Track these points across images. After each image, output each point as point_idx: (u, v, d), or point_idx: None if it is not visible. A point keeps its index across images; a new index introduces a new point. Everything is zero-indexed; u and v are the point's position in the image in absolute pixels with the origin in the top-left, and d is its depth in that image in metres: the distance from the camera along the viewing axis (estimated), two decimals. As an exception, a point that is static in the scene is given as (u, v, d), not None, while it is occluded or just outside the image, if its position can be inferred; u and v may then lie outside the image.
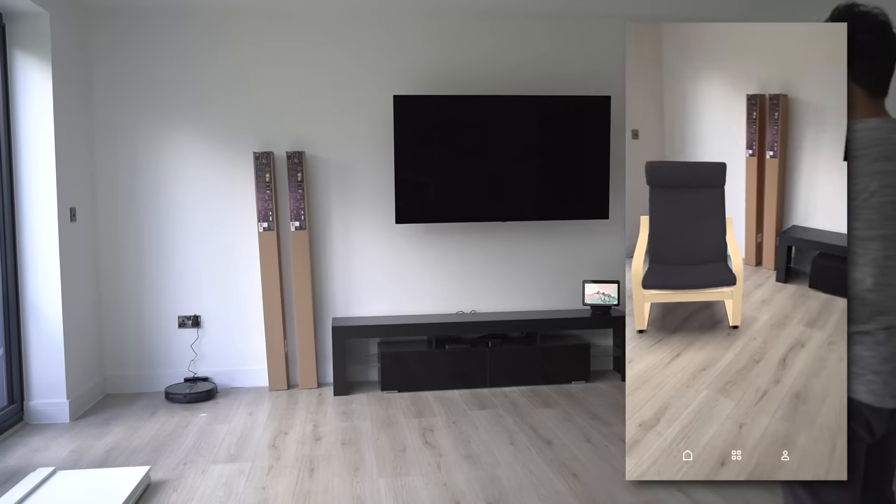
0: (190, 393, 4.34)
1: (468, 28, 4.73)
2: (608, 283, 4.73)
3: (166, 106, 4.52)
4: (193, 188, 4.56)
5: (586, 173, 4.74)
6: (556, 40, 4.83)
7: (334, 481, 3.09)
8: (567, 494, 2.91)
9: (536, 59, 4.81)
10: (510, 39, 4.78)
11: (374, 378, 4.76)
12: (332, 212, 4.70)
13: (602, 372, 4.89)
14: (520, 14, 4.71)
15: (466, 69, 4.73)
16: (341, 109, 4.66)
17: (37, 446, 3.60)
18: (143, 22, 4.45)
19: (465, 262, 4.85)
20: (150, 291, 4.57)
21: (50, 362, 3.95)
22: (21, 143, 3.87)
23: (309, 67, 4.61)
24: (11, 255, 3.88)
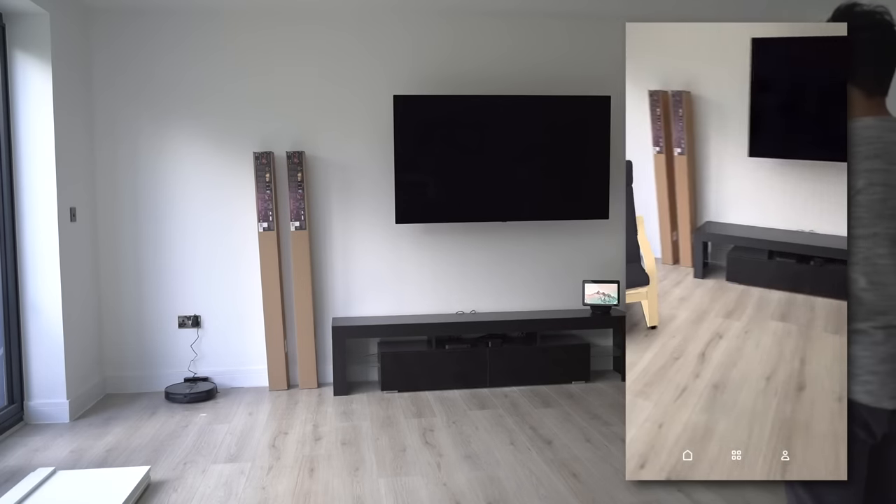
0: (190, 393, 4.34)
1: (468, 28, 4.73)
2: (608, 283, 4.73)
3: (166, 106, 4.52)
4: (193, 188, 4.56)
5: (586, 173, 4.74)
6: (557, 41, 4.83)
7: (334, 481, 3.09)
8: (567, 494, 2.91)
9: (536, 59, 4.81)
10: (510, 39, 4.78)
11: (374, 378, 4.77)
12: (332, 212, 4.70)
13: (602, 372, 4.89)
14: (519, 14, 4.71)
15: (466, 69, 4.73)
16: (341, 109, 4.66)
17: (37, 446, 3.60)
18: (144, 22, 4.45)
19: (465, 262, 4.85)
20: (150, 291, 4.57)
21: (50, 362, 3.95)
22: (21, 143, 3.87)
23: (309, 67, 4.61)
24: (11, 255, 3.88)
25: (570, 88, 4.80)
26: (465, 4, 4.52)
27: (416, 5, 4.52)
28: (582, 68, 4.84)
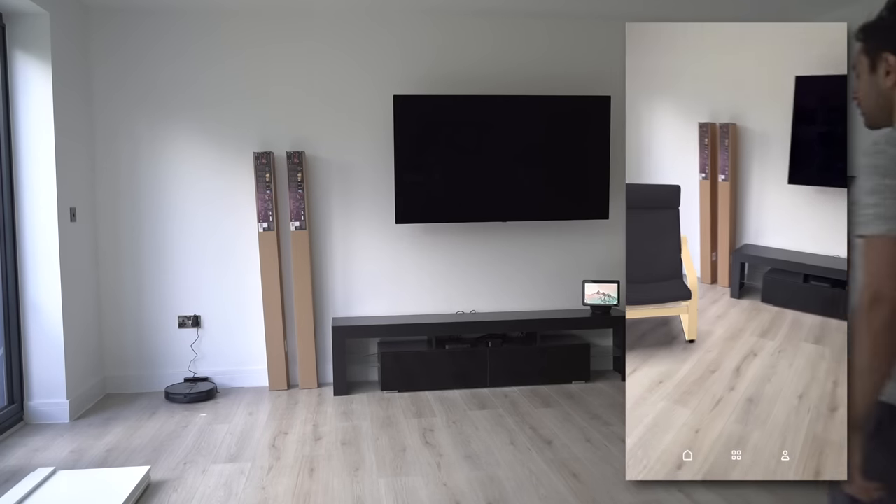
0: (190, 393, 4.34)
1: (468, 28, 4.73)
2: (608, 283, 4.73)
3: (166, 106, 4.52)
4: (193, 188, 4.56)
5: (586, 173, 4.74)
6: (557, 40, 4.83)
7: (334, 481, 3.09)
8: (567, 494, 2.91)
9: (537, 58, 4.81)
10: (510, 39, 4.78)
11: (374, 378, 4.76)
12: (332, 212, 4.70)
13: (602, 372, 4.89)
14: (520, 14, 4.71)
15: (466, 69, 4.73)
16: (341, 109, 4.66)
17: (37, 446, 3.60)
18: (144, 22, 4.45)
19: (465, 262, 4.85)
20: (150, 291, 4.57)
21: (50, 362, 3.95)
22: (21, 143, 3.87)
23: (309, 67, 4.61)
24: (11, 255, 3.88)
25: (570, 88, 4.80)
26: (465, 4, 4.52)
27: (416, 5, 4.52)
28: (582, 68, 4.84)
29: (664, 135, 4.36)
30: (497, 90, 4.70)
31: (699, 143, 4.26)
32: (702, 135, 4.24)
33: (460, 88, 4.69)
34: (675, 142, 4.35)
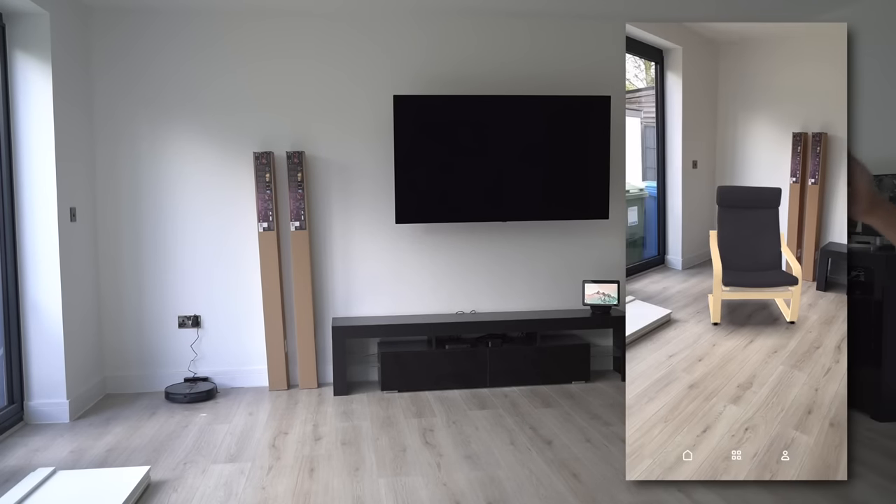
0: (190, 393, 4.34)
1: (468, 28, 4.73)
2: (608, 283, 4.73)
3: (166, 105, 4.52)
4: (193, 188, 4.57)
5: (586, 173, 4.74)
6: (557, 40, 4.83)
7: (334, 481, 3.09)
8: (567, 494, 2.91)
9: (537, 58, 4.81)
10: (511, 39, 4.78)
11: (374, 378, 4.77)
12: (332, 212, 4.70)
13: (602, 372, 4.89)
14: (521, 14, 4.71)
15: (466, 69, 4.73)
16: (341, 109, 4.66)
17: (37, 446, 3.60)
18: (144, 22, 4.45)
19: (465, 262, 4.85)
20: (150, 291, 4.57)
21: (50, 362, 3.95)
22: (21, 143, 3.87)
23: (309, 67, 4.61)
24: (11, 255, 3.88)
25: (570, 88, 4.80)
26: (465, 4, 4.52)
27: (416, 5, 4.52)
28: (582, 68, 4.85)
29: (755, 145, 5.09)
30: (498, 90, 4.70)
31: (792, 150, 4.81)
32: (795, 143, 4.80)
33: (460, 88, 4.69)
34: (767, 151, 4.98)
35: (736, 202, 4.32)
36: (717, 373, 3.39)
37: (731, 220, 4.27)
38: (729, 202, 4.32)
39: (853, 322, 3.68)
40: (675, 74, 5.39)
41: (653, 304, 4.19)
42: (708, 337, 3.82)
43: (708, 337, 3.82)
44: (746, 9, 4.60)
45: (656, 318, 3.95)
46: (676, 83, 5.36)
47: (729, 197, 4.34)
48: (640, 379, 3.24)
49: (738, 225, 4.22)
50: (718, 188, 4.40)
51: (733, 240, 4.19)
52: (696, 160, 5.32)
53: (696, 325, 3.97)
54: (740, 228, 4.22)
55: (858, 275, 3.89)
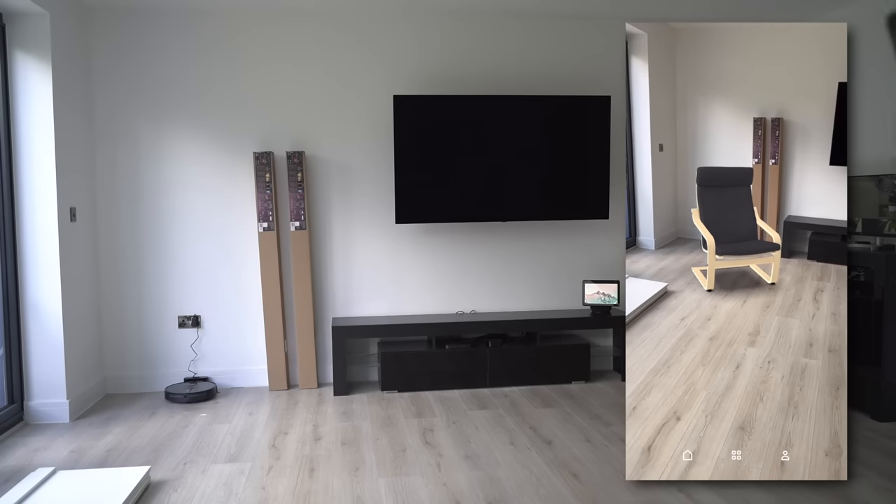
0: (190, 393, 4.34)
1: (468, 28, 4.73)
2: (608, 283, 4.73)
3: (166, 105, 4.52)
4: (193, 188, 4.57)
5: (586, 173, 4.74)
6: (557, 40, 4.83)
7: (334, 481, 3.09)
8: (567, 494, 2.91)
9: (537, 58, 4.81)
10: (511, 39, 4.78)
11: (374, 378, 4.77)
12: (332, 212, 4.70)
13: (602, 372, 4.89)
14: (521, 14, 4.71)
15: (466, 69, 4.73)
16: (341, 109, 4.66)
17: (37, 446, 3.60)
18: (144, 22, 4.46)
19: (465, 262, 4.85)
20: (150, 291, 4.57)
21: (50, 362, 3.95)
22: (21, 143, 3.87)
23: (309, 67, 4.61)
24: (11, 255, 3.88)
25: (570, 88, 4.80)
26: (465, 4, 4.52)
27: (416, 5, 4.52)
28: (582, 68, 4.85)
29: (717, 129, 5.82)
30: (498, 90, 4.70)
31: (753, 134, 5.48)
32: (756, 128, 5.47)
33: (460, 88, 4.69)
34: (730, 133, 5.71)
35: (715, 181, 4.82)
36: (728, 326, 3.97)
37: (712, 198, 4.77)
38: (708, 182, 4.80)
39: (853, 322, 3.67)
40: (640, 60, 5.61)
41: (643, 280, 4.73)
42: (708, 301, 4.37)
43: (708, 301, 4.37)
44: (746, 9, 4.60)
45: (657, 290, 4.41)
46: (643, 68, 5.62)
47: (708, 177, 4.82)
48: (665, 339, 3.77)
49: (719, 202, 4.77)
50: (699, 169, 4.87)
51: (715, 215, 4.72)
52: (661, 143, 5.76)
53: (693, 293, 4.52)
54: (720, 205, 4.77)
55: (858, 275, 3.89)
